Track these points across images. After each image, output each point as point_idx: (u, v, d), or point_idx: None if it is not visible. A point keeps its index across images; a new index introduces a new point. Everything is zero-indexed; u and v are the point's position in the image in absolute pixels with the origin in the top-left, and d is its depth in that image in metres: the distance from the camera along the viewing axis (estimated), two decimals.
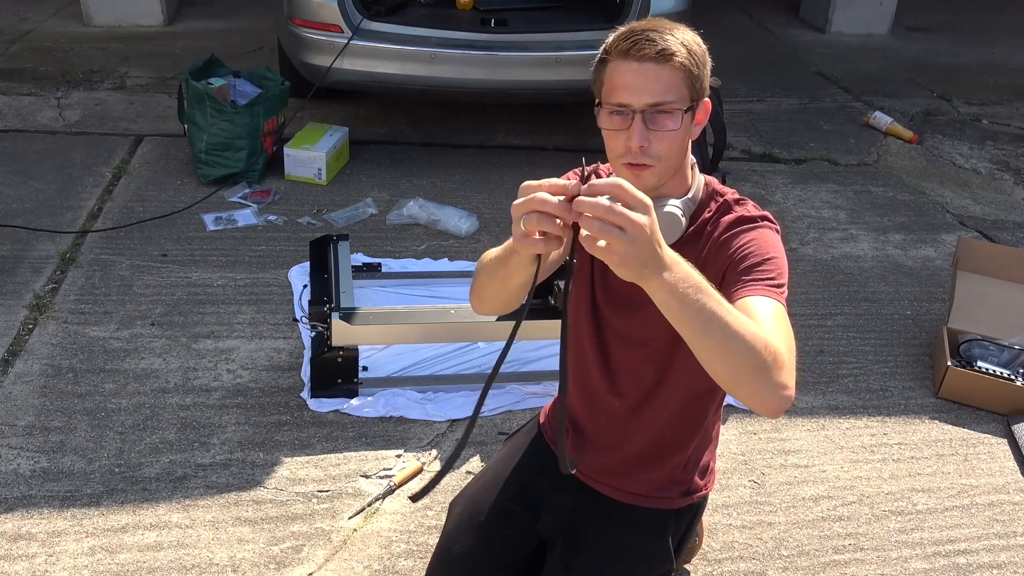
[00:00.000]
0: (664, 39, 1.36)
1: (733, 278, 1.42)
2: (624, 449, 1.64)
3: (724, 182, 1.62)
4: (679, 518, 1.68)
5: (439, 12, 3.92)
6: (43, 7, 5.77)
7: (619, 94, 1.39)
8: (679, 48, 1.37)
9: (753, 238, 1.45)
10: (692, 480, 1.66)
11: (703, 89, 1.43)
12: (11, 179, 3.58)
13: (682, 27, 1.42)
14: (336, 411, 2.44)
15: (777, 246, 1.46)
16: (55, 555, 1.95)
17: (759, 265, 1.42)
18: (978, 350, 2.74)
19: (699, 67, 1.41)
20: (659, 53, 1.36)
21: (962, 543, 2.19)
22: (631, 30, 1.40)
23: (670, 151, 1.42)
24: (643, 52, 1.36)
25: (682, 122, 1.39)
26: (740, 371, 1.20)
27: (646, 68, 1.37)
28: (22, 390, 2.43)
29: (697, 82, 1.40)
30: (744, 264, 1.42)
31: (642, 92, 1.38)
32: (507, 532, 1.69)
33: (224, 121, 3.50)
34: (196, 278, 3.00)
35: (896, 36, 6.60)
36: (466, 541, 1.69)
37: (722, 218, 1.50)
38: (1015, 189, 4.26)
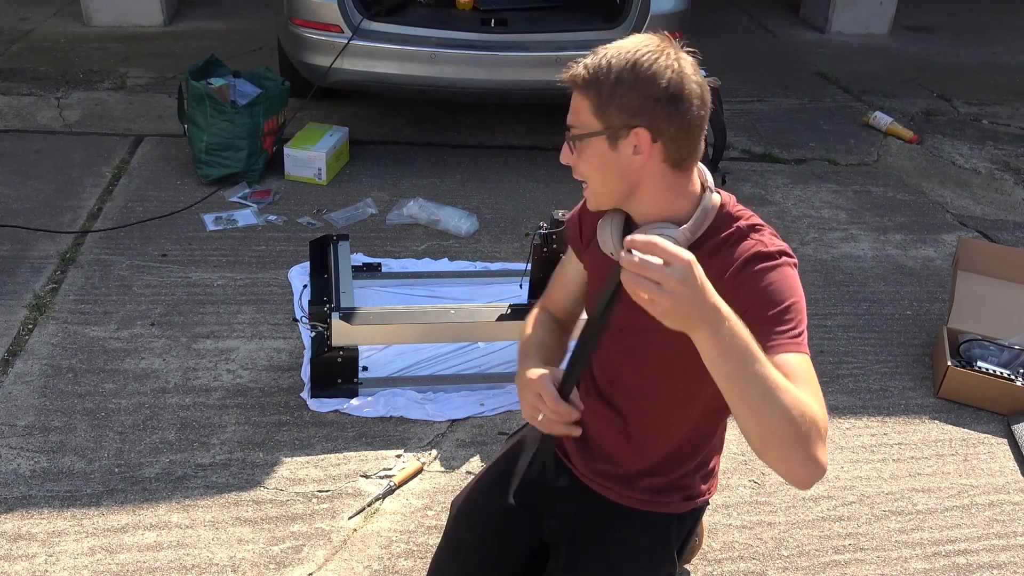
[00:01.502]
0: (587, 62, 1.38)
1: (756, 329, 1.30)
2: (631, 465, 1.62)
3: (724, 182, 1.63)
4: (682, 521, 1.67)
5: (439, 12, 3.92)
6: (43, 7, 5.77)
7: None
8: (590, 74, 1.37)
9: (772, 281, 1.40)
10: (696, 486, 1.66)
11: (621, 118, 1.36)
12: (11, 179, 3.58)
13: (631, 45, 1.37)
14: (336, 411, 2.44)
15: (796, 287, 1.41)
16: (55, 555, 1.95)
17: (783, 315, 1.37)
18: (978, 350, 2.74)
19: (605, 94, 1.36)
20: (570, 77, 1.41)
21: (962, 543, 2.19)
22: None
23: (591, 175, 1.44)
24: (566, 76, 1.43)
25: (591, 148, 1.40)
26: (773, 437, 1.19)
27: (573, 92, 1.43)
28: (22, 390, 2.43)
29: (605, 109, 1.36)
30: (767, 313, 1.37)
31: (570, 113, 1.44)
32: (508, 533, 1.68)
33: (224, 121, 3.50)
34: (196, 278, 3.00)
35: (896, 36, 6.60)
36: (467, 541, 1.69)
37: (738, 248, 1.43)
38: (1015, 189, 4.26)
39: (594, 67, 1.37)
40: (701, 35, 4.70)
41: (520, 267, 2.90)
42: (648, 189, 1.43)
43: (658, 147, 1.39)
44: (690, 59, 1.43)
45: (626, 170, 1.41)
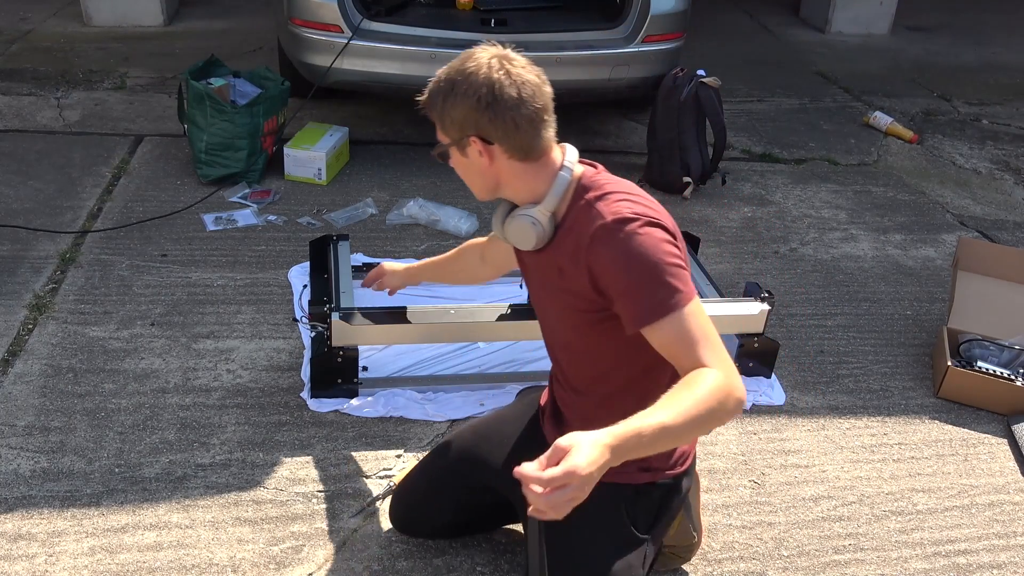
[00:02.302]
0: (428, 87, 1.57)
1: (623, 305, 1.50)
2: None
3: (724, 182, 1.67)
4: (641, 493, 1.73)
5: (439, 12, 3.92)
6: (43, 7, 5.77)
7: None
8: (427, 98, 1.57)
9: (618, 255, 1.48)
10: (653, 458, 1.70)
11: (458, 131, 1.56)
12: (11, 179, 3.58)
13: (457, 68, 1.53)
14: (336, 411, 2.44)
15: (646, 247, 1.47)
16: (55, 555, 1.95)
17: (640, 287, 1.46)
18: (978, 350, 2.74)
19: (444, 114, 1.56)
20: (421, 104, 1.61)
21: (962, 543, 2.19)
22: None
23: (462, 177, 1.65)
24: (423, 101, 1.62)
25: (455, 157, 1.60)
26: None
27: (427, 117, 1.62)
28: (22, 390, 2.43)
29: (445, 127, 1.58)
30: (624, 290, 1.48)
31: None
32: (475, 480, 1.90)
33: (224, 121, 3.50)
34: (196, 278, 3.00)
35: (896, 36, 6.61)
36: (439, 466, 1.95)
37: (584, 225, 1.54)
38: (1015, 189, 4.27)
39: (429, 91, 1.57)
40: (701, 35, 4.66)
41: None
42: (508, 181, 1.60)
43: (496, 148, 1.55)
44: (520, 63, 1.55)
45: (482, 170, 1.60)
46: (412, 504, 2.00)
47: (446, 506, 1.97)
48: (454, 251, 2.25)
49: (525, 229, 1.60)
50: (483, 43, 1.57)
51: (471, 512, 2.00)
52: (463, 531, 2.06)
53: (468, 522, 2.03)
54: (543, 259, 1.65)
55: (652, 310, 1.44)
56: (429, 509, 1.99)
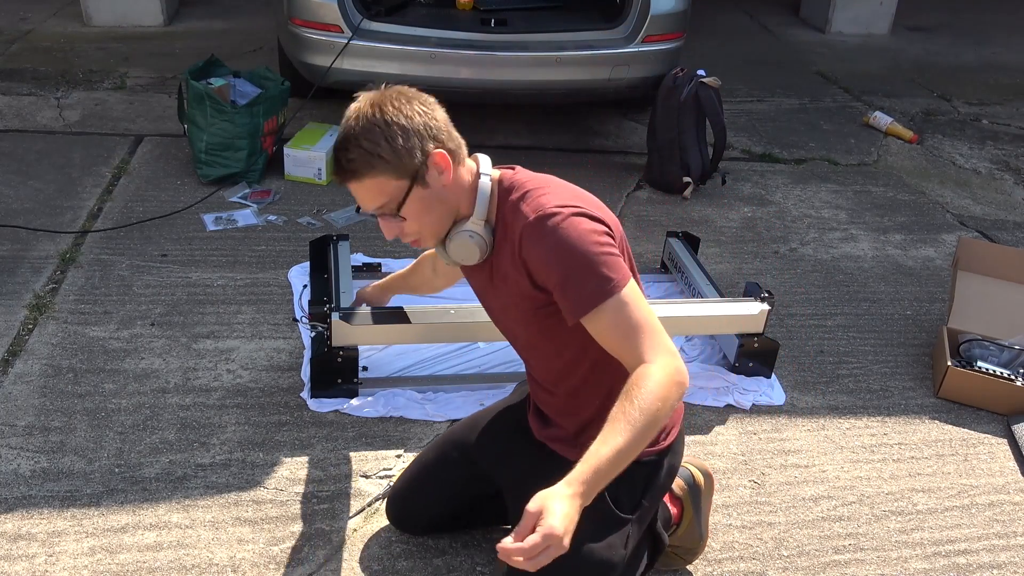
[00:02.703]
0: (348, 157, 1.48)
1: (560, 297, 1.53)
2: (571, 427, 1.79)
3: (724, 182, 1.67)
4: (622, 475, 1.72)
5: (439, 12, 3.92)
6: (43, 7, 5.77)
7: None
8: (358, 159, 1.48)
9: (546, 249, 1.50)
10: None
11: (411, 155, 1.50)
12: (11, 179, 3.58)
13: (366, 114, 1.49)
14: (336, 411, 2.44)
15: (571, 237, 1.48)
16: (55, 555, 1.95)
17: (572, 278, 1.48)
18: (978, 350, 2.74)
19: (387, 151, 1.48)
20: (348, 177, 1.50)
21: (962, 543, 2.19)
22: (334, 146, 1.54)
23: (423, 224, 1.58)
24: (339, 179, 1.52)
25: (410, 203, 1.53)
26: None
27: (352, 188, 1.53)
28: (22, 390, 2.43)
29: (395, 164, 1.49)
30: (559, 283, 1.50)
31: (364, 203, 1.55)
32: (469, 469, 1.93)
33: (224, 121, 3.50)
34: (196, 278, 3.00)
35: (896, 36, 6.61)
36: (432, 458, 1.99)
37: (513, 224, 1.56)
38: (1015, 189, 4.27)
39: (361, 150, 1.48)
40: (701, 35, 4.66)
41: None
42: (460, 200, 1.60)
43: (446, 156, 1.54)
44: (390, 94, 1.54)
45: (442, 194, 1.57)
46: (406, 497, 2.02)
47: (440, 498, 1.98)
48: (412, 264, 2.29)
49: (467, 245, 1.62)
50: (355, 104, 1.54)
51: (465, 504, 2.00)
52: (458, 524, 2.06)
53: (463, 514, 2.04)
54: (486, 268, 1.68)
55: (586, 300, 1.48)
56: (423, 502, 2.00)
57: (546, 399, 1.82)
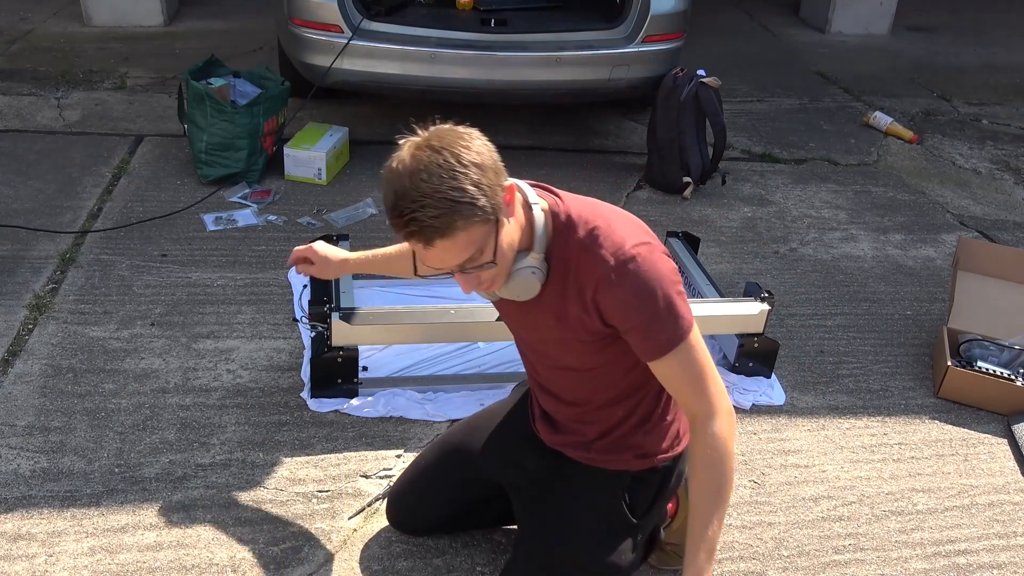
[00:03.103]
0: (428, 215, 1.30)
1: (634, 339, 1.51)
2: (582, 435, 1.77)
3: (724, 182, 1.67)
4: (639, 479, 1.76)
5: (439, 12, 3.92)
6: (43, 7, 5.77)
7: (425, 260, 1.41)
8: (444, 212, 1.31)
9: (628, 294, 1.46)
10: (648, 444, 1.74)
11: (497, 202, 1.38)
12: (11, 179, 3.58)
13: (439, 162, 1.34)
14: (336, 411, 2.44)
15: (653, 281, 1.46)
16: (55, 555, 1.95)
17: (651, 323, 1.47)
18: (978, 350, 2.74)
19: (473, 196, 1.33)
20: (429, 237, 1.33)
21: (962, 543, 2.19)
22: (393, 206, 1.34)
23: (502, 267, 1.46)
24: (418, 242, 1.35)
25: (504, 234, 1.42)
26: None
27: (433, 251, 1.36)
28: (22, 390, 2.43)
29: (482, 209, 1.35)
30: (641, 332, 1.49)
31: (444, 263, 1.39)
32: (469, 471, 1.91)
33: (224, 121, 3.50)
34: (196, 278, 3.00)
35: (896, 36, 6.61)
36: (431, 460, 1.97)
37: (585, 268, 1.48)
38: (1015, 189, 4.27)
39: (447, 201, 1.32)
40: (701, 35, 4.66)
41: None
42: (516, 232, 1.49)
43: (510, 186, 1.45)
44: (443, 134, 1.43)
45: (513, 230, 1.47)
46: (405, 499, 2.01)
47: (440, 500, 1.98)
48: (395, 248, 2.05)
49: (530, 282, 1.51)
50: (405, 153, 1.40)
51: (465, 506, 2.00)
52: (458, 526, 2.06)
53: (463, 516, 2.04)
54: (532, 301, 1.58)
55: (664, 344, 1.48)
56: (423, 504, 2.00)
57: (563, 410, 1.78)
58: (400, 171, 1.36)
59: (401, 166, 1.36)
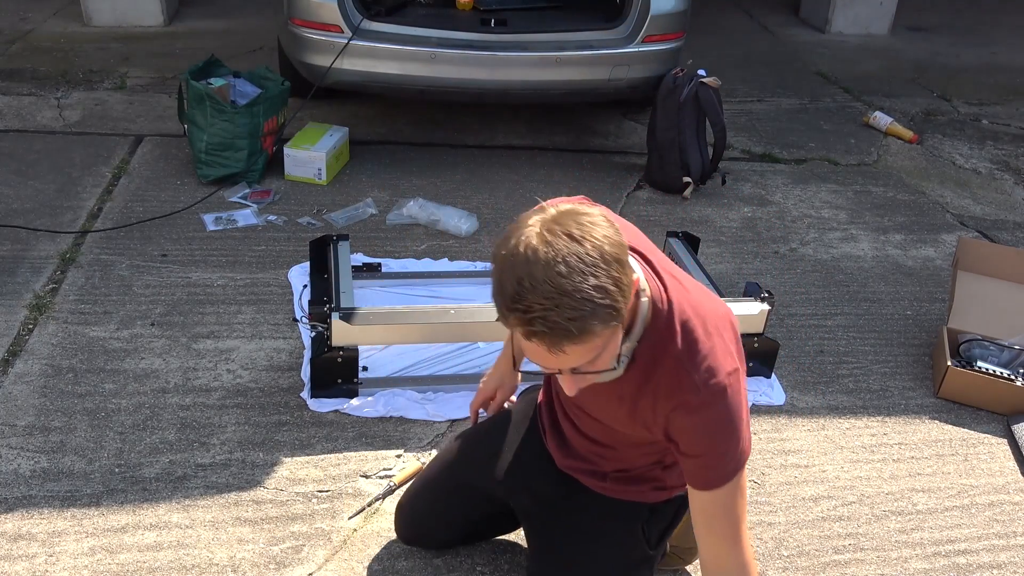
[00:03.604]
0: (564, 314, 1.13)
1: (688, 465, 1.44)
2: (597, 463, 1.71)
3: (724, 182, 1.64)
4: (655, 510, 1.73)
5: (439, 12, 3.92)
6: (43, 7, 5.77)
7: (533, 358, 1.25)
8: (585, 315, 1.14)
9: (702, 426, 1.37)
10: (667, 478, 1.70)
11: (624, 303, 1.20)
12: (11, 179, 3.58)
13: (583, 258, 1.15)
14: (336, 411, 2.44)
15: (731, 421, 1.38)
16: (55, 555, 1.95)
17: (717, 461, 1.40)
18: (978, 350, 2.74)
19: (615, 299, 1.17)
20: (558, 343, 1.16)
21: (962, 543, 2.19)
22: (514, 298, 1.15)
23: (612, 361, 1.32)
24: (540, 344, 1.18)
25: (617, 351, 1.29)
26: None
27: (557, 352, 1.19)
28: (22, 390, 2.43)
29: (619, 309, 1.19)
30: (695, 456, 1.41)
31: (562, 365, 1.23)
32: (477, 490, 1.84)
33: (224, 121, 3.50)
34: (196, 278, 3.00)
35: (896, 36, 6.61)
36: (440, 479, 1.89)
37: (672, 379, 1.37)
38: (1015, 189, 4.26)
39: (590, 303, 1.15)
40: (701, 35, 4.66)
41: None
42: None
43: None
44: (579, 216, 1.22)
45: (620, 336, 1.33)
46: (417, 520, 1.96)
47: (453, 521, 1.94)
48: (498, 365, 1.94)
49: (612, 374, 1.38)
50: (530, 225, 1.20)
51: (475, 524, 1.97)
52: (470, 541, 2.03)
53: (474, 534, 2.01)
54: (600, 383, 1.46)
55: (715, 480, 1.40)
56: (435, 526, 1.96)
57: (582, 442, 1.71)
58: (528, 258, 1.15)
59: (530, 252, 1.15)
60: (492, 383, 1.94)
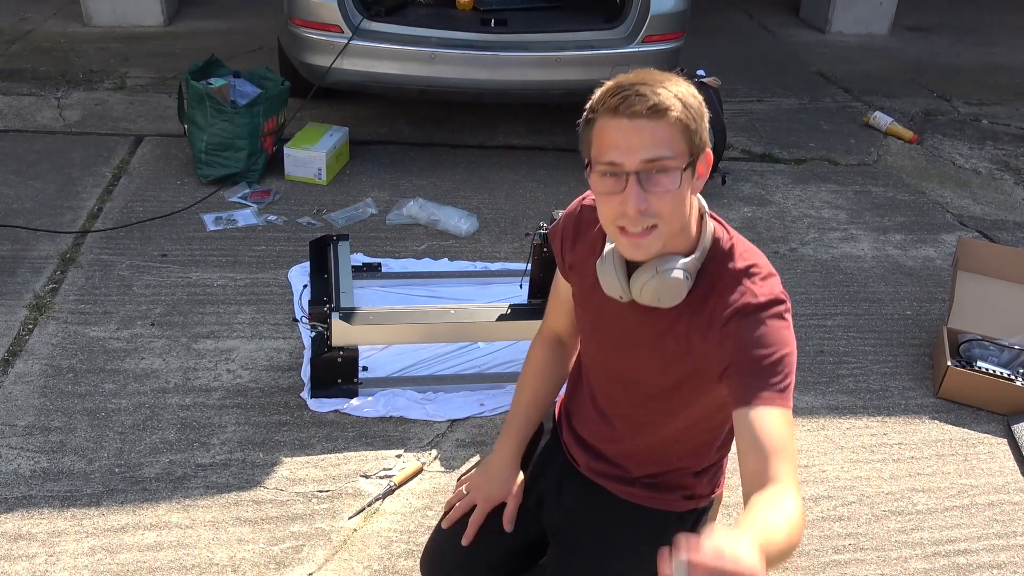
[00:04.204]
0: (656, 93, 1.28)
1: (740, 379, 1.35)
2: (632, 471, 1.65)
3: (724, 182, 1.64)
4: (682, 519, 1.68)
5: (439, 12, 3.92)
6: (43, 7, 5.77)
7: (610, 153, 1.30)
8: (674, 101, 1.29)
9: (763, 334, 1.35)
10: (697, 486, 1.67)
11: (703, 143, 1.34)
12: (11, 179, 3.58)
13: (674, 78, 1.34)
14: (336, 411, 2.44)
15: (786, 338, 1.37)
16: (55, 555, 1.95)
17: (770, 368, 1.33)
18: (978, 350, 2.74)
19: (696, 120, 1.32)
20: (652, 108, 1.27)
21: (962, 543, 2.19)
22: (619, 85, 1.32)
23: (672, 213, 1.32)
24: (633, 108, 1.28)
25: (681, 180, 1.31)
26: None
27: (638, 125, 1.28)
28: (22, 390, 2.43)
29: (696, 136, 1.32)
30: (752, 365, 1.34)
31: (635, 150, 1.28)
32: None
33: (224, 121, 3.50)
34: (196, 278, 3.00)
35: (896, 36, 6.61)
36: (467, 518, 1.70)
37: (728, 298, 1.39)
38: (1015, 189, 4.26)
39: (675, 95, 1.31)
40: (701, 35, 4.66)
41: (520, 267, 2.90)
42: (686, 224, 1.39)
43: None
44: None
45: (689, 200, 1.37)
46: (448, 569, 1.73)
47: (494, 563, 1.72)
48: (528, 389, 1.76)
49: (678, 287, 1.37)
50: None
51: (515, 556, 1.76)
52: None
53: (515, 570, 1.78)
54: (647, 314, 1.45)
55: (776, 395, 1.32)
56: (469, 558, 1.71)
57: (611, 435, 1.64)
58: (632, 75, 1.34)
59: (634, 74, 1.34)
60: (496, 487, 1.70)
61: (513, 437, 1.73)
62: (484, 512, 1.69)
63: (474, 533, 1.67)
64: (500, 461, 1.72)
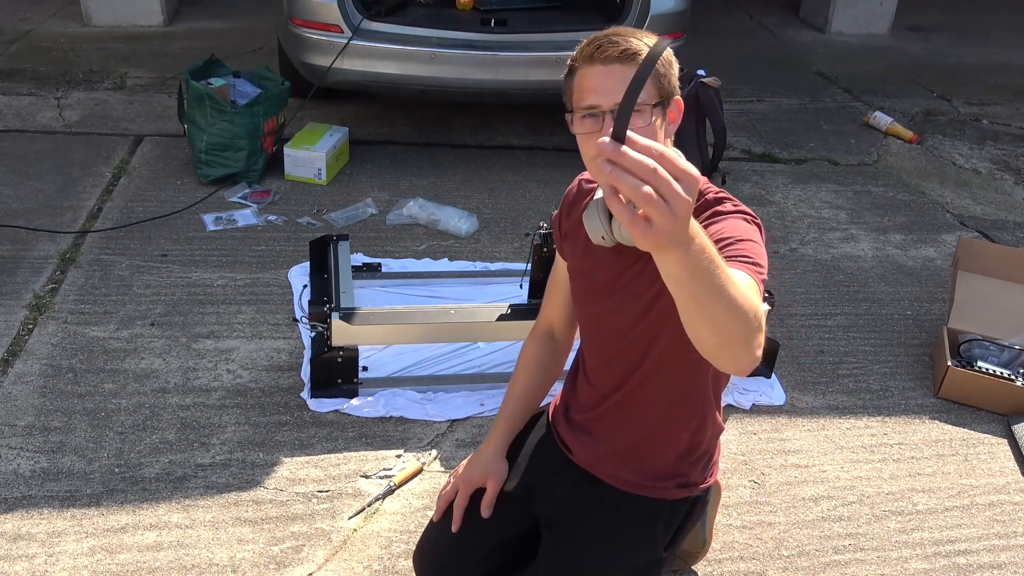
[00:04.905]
0: (628, 40, 1.42)
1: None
2: (616, 441, 1.69)
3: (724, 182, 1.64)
4: (674, 508, 1.71)
5: (439, 12, 3.92)
6: (43, 7, 5.77)
7: (588, 96, 1.45)
8: (643, 47, 1.41)
9: (726, 225, 1.44)
10: (691, 473, 1.69)
11: (672, 88, 1.46)
12: (11, 179, 3.58)
13: (645, 33, 1.46)
14: (336, 411, 2.44)
15: (751, 233, 1.43)
16: (55, 555, 1.95)
17: (733, 244, 1.38)
18: (978, 350, 2.74)
19: (665, 66, 1.45)
20: (623, 53, 1.41)
21: (962, 543, 2.19)
22: (595, 37, 1.46)
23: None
24: (607, 53, 1.42)
25: (652, 117, 1.42)
26: (731, 340, 1.11)
27: (612, 69, 1.41)
28: (22, 390, 2.43)
29: (664, 80, 1.44)
30: (718, 245, 1.31)
31: (610, 91, 1.41)
32: (501, 510, 1.73)
33: (224, 121, 3.50)
34: (196, 278, 3.00)
35: (896, 36, 6.61)
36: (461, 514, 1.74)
37: (699, 214, 1.48)
38: (1015, 189, 4.26)
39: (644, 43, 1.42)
40: (701, 35, 4.65)
41: (520, 267, 2.90)
42: None
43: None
44: None
45: (663, 142, 1.46)
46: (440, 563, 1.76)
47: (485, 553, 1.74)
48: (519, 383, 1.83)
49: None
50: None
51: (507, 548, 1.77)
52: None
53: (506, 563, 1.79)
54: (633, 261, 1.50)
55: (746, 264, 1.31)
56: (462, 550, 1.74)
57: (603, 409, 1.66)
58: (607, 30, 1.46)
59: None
60: (476, 471, 1.75)
61: (500, 428, 1.80)
62: (466, 494, 1.73)
63: (460, 517, 1.72)
64: (485, 449, 1.79)
